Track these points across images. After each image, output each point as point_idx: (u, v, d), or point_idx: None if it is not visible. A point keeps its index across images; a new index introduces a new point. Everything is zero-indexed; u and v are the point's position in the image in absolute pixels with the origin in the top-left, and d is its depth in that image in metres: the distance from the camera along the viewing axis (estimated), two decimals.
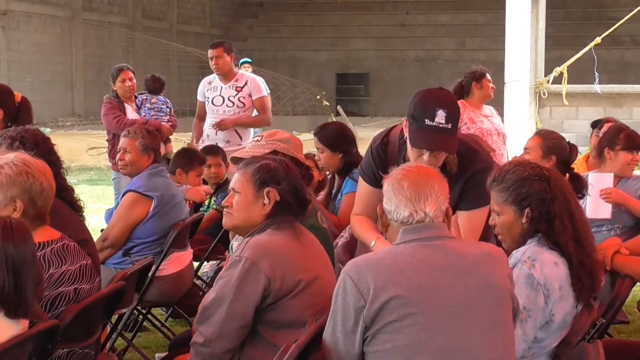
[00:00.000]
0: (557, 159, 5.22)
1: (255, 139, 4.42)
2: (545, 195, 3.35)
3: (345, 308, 2.82)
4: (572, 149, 5.44)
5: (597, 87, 14.49)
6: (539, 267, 3.28)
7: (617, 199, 5.30)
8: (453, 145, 3.73)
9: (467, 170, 3.85)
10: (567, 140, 5.54)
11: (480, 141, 4.33)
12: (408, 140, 3.77)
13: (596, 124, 7.12)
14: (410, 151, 3.76)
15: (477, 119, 7.22)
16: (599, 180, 5.33)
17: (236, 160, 4.25)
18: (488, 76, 7.36)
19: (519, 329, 3.18)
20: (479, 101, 7.39)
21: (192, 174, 6.66)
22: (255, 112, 8.29)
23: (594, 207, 5.17)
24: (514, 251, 3.38)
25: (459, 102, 7.17)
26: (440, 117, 3.63)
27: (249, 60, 14.52)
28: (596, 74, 14.08)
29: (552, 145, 5.38)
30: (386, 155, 3.94)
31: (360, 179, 4.13)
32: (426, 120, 3.65)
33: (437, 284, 2.81)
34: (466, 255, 2.90)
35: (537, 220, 3.36)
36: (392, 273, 2.80)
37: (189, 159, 6.75)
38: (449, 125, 3.65)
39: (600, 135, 6.16)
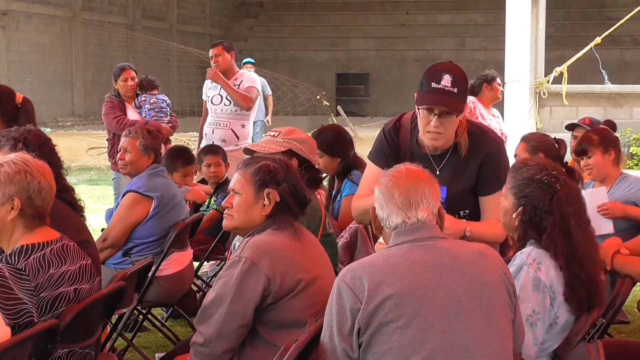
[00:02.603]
0: (546, 156, 5.23)
1: (272, 133, 4.35)
2: (541, 205, 3.36)
3: (341, 312, 2.81)
4: (561, 144, 5.47)
5: (608, 86, 14.52)
6: (545, 269, 3.28)
7: (615, 213, 5.31)
8: (459, 107, 3.78)
9: (479, 151, 3.89)
10: (553, 137, 5.57)
11: None
12: (416, 106, 3.82)
13: (572, 127, 7.17)
14: (420, 119, 3.83)
15: (487, 116, 7.67)
16: (593, 197, 5.31)
17: (249, 152, 4.23)
18: (498, 80, 8.08)
19: (530, 333, 3.18)
20: (488, 102, 7.94)
21: (175, 175, 6.40)
22: (254, 111, 8.28)
23: (594, 224, 5.04)
24: (518, 252, 3.39)
25: (473, 97, 7.75)
26: (447, 80, 3.73)
27: (252, 60, 14.47)
28: (603, 72, 14.11)
29: (536, 144, 5.43)
30: (398, 138, 3.98)
31: (368, 163, 4.13)
32: (433, 83, 3.75)
33: (431, 284, 2.81)
34: (459, 254, 2.91)
35: (526, 224, 3.37)
36: (386, 274, 2.80)
37: (172, 160, 6.47)
38: (455, 90, 3.73)
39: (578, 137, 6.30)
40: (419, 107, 3.80)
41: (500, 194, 3.75)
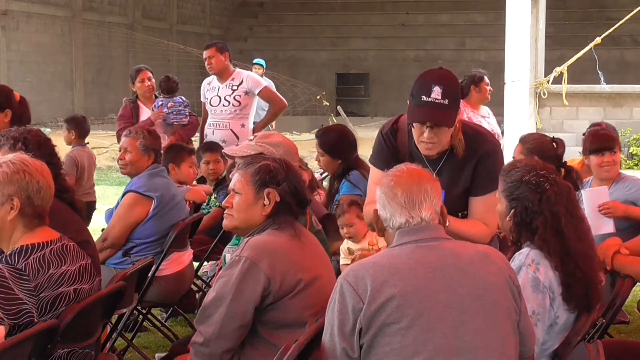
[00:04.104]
0: (543, 157, 5.22)
1: (251, 137, 4.42)
2: (531, 206, 3.37)
3: (343, 311, 2.81)
4: (559, 144, 5.46)
5: (604, 86, 14.51)
6: (544, 270, 3.29)
7: (616, 212, 5.29)
8: (449, 119, 3.75)
9: (476, 152, 3.87)
10: (551, 137, 5.56)
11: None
12: (407, 119, 3.81)
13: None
14: (413, 130, 3.81)
15: (475, 119, 7.48)
16: (594, 196, 5.30)
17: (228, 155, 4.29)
18: (486, 79, 7.82)
19: None
20: (477, 103, 7.82)
21: (183, 165, 6.59)
22: (254, 109, 8.25)
23: (595, 223, 4.92)
24: (517, 254, 3.40)
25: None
26: (437, 93, 3.68)
27: (261, 62, 14.40)
28: (600, 73, 14.11)
29: (532, 146, 5.41)
30: (396, 141, 3.98)
31: (371, 168, 4.13)
32: (423, 96, 3.70)
33: (434, 285, 2.81)
34: (462, 255, 2.90)
35: (520, 225, 3.38)
36: (389, 274, 2.80)
37: (177, 152, 6.70)
38: (446, 101, 3.68)
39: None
40: (409, 122, 3.79)
41: (489, 196, 3.76)
